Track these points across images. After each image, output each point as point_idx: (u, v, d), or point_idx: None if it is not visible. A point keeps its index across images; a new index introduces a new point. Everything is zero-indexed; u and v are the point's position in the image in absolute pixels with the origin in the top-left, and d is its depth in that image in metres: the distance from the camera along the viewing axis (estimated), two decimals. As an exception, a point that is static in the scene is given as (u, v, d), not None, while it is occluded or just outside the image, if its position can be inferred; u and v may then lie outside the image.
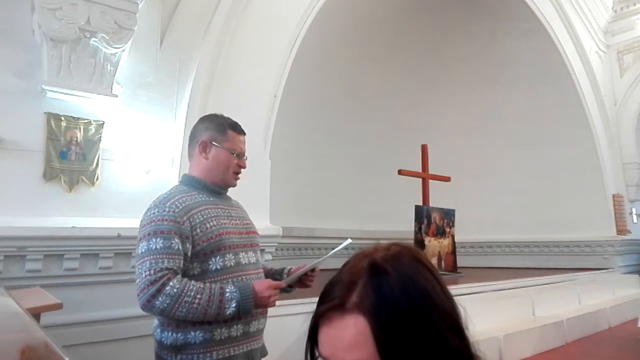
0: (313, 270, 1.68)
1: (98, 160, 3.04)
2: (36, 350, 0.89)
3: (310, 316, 0.61)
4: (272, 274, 1.77)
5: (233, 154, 1.69)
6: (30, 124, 2.85)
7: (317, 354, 0.60)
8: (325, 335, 0.58)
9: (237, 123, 1.75)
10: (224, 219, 1.62)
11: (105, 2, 2.93)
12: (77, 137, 2.98)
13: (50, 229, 2.69)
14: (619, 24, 8.75)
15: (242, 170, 1.74)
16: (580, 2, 8.10)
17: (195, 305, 1.42)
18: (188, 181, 1.68)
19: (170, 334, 1.50)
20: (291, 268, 1.76)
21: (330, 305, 0.57)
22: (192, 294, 1.43)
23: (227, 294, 1.47)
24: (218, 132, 1.69)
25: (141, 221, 1.55)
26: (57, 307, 1.83)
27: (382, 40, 7.71)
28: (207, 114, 1.80)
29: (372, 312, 0.55)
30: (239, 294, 1.48)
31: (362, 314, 0.55)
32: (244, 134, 1.76)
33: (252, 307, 1.51)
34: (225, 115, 1.77)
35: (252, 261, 1.65)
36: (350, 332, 0.55)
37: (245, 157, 1.75)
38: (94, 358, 2.66)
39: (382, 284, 0.56)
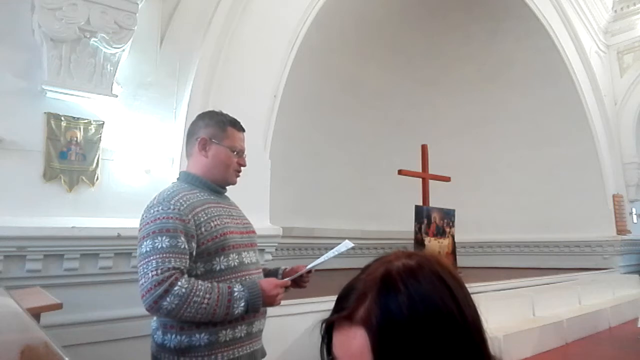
0: (309, 272, 1.67)
1: (98, 160, 3.04)
2: (36, 350, 0.89)
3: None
4: (266, 274, 1.75)
5: (233, 152, 1.65)
6: (30, 124, 2.85)
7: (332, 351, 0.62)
8: (337, 339, 0.60)
9: (237, 120, 1.72)
10: (226, 218, 1.59)
11: (105, 2, 2.93)
12: (77, 137, 2.97)
13: (50, 229, 2.69)
14: (619, 24, 8.75)
15: (242, 168, 1.71)
16: (580, 2, 8.09)
17: (204, 305, 1.38)
18: (188, 179, 1.63)
19: (173, 336, 1.45)
20: (286, 268, 1.75)
21: (340, 315, 0.59)
22: (201, 294, 1.38)
23: (236, 293, 1.44)
24: (218, 129, 1.64)
25: (142, 218, 1.48)
26: (57, 307, 1.82)
27: (381, 40, 7.71)
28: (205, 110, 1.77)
29: (375, 329, 0.55)
30: (247, 293, 1.46)
31: (365, 329, 0.56)
32: (244, 131, 1.72)
33: (261, 306, 1.50)
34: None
35: (253, 261, 1.64)
36: (354, 344, 0.56)
37: (245, 155, 1.72)
38: (94, 358, 2.66)
39: (389, 302, 0.56)
